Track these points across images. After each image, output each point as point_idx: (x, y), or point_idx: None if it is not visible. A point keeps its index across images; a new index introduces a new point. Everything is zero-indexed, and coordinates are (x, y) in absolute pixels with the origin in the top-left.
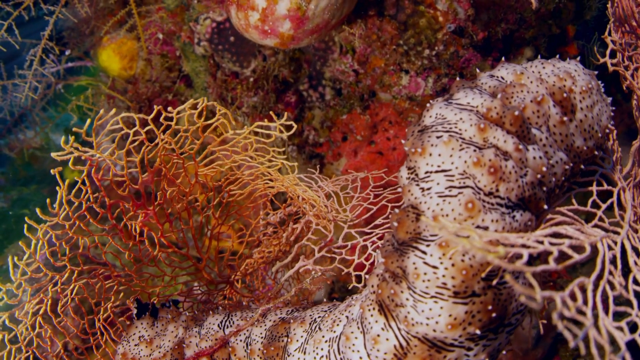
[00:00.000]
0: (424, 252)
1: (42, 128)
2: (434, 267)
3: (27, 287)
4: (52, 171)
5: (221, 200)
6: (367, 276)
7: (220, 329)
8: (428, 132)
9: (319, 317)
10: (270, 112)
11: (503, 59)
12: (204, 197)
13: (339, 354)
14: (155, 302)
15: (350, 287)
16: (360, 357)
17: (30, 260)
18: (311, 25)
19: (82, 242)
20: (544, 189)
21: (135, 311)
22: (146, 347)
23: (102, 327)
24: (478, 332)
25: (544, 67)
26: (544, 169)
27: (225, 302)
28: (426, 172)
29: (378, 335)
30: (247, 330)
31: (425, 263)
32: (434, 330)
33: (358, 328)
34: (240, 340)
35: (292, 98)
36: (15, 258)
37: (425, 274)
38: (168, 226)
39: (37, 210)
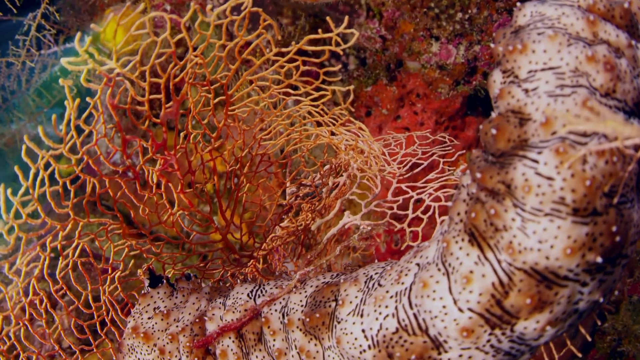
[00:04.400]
0: (535, 161)
1: (35, 115)
2: (549, 178)
3: (21, 234)
4: (61, 81)
5: (250, 153)
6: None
7: (250, 298)
8: (526, 30)
9: (376, 273)
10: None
11: None
12: (233, 145)
13: (412, 307)
14: (170, 274)
15: (402, 247)
16: (444, 306)
17: (26, 198)
18: None
19: (90, 185)
20: None
21: (147, 283)
22: (162, 320)
23: (107, 301)
24: (599, 259)
25: None
26: None
27: (253, 273)
28: (529, 72)
29: (471, 272)
30: (283, 299)
31: (538, 174)
32: (547, 258)
33: (439, 270)
34: (275, 310)
35: (306, 85)
36: (9, 191)
37: (538, 186)
38: (190, 178)
39: (40, 130)
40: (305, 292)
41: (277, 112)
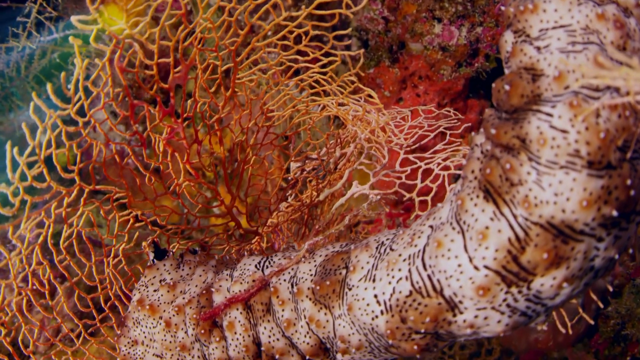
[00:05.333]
0: (549, 115)
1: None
2: (564, 130)
3: (27, 197)
4: (71, 39)
5: (256, 124)
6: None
7: (258, 269)
8: None
9: (387, 239)
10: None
11: None
12: (240, 114)
13: (426, 269)
14: (175, 248)
15: (412, 217)
16: (459, 264)
17: (31, 159)
18: None
19: (96, 149)
20: None
21: (152, 256)
22: (168, 292)
23: (111, 274)
24: (615, 213)
25: None
26: None
27: (258, 250)
28: (541, 30)
29: (486, 228)
30: (292, 269)
31: (552, 127)
32: (563, 211)
33: (453, 229)
34: (284, 280)
35: (315, 51)
36: (15, 150)
37: (553, 139)
38: (196, 149)
39: (50, 88)
40: (315, 261)
41: (285, 80)
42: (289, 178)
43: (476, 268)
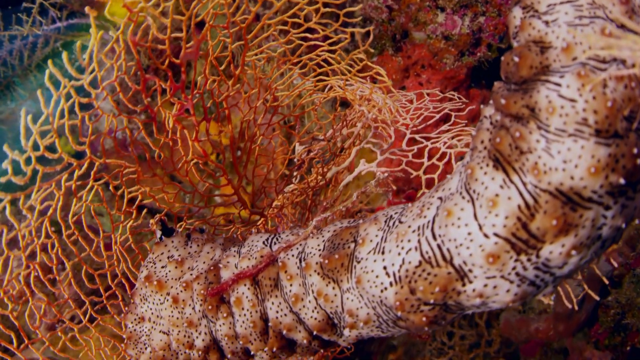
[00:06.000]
0: (558, 84)
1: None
2: (572, 99)
3: (38, 167)
4: (87, 9)
5: (264, 103)
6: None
7: (266, 246)
8: None
9: (396, 213)
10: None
11: None
12: (249, 92)
13: (435, 239)
14: (181, 228)
15: (419, 194)
16: (469, 232)
17: (45, 128)
18: None
19: (108, 122)
20: None
21: (159, 234)
22: (176, 268)
23: (118, 251)
24: (622, 181)
25: None
26: None
27: (265, 230)
28: (549, 5)
29: (496, 195)
30: (300, 245)
31: (561, 96)
32: (572, 178)
33: (463, 198)
34: (292, 256)
35: (325, 29)
36: (29, 117)
37: (562, 107)
38: (205, 127)
39: (65, 56)
40: (323, 237)
41: (293, 59)
42: (295, 160)
43: (486, 236)
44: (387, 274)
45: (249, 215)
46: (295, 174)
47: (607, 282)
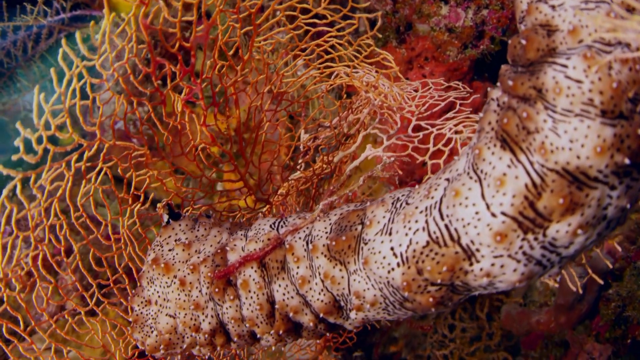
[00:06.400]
0: (564, 66)
1: (39, 83)
2: (578, 80)
3: (50, 147)
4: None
5: (272, 89)
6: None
7: (273, 229)
8: None
9: (403, 195)
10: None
11: None
12: (256, 79)
13: (443, 219)
14: (188, 213)
15: (424, 180)
16: (477, 212)
17: (57, 107)
18: None
19: (119, 104)
20: None
21: (166, 218)
22: (183, 250)
23: (125, 235)
24: (627, 161)
25: None
26: None
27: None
28: None
29: (504, 174)
30: (307, 228)
31: (567, 77)
32: (578, 157)
33: (470, 178)
34: (299, 238)
35: (334, 14)
36: (42, 96)
37: (568, 87)
38: (213, 112)
39: (78, 35)
40: (330, 220)
41: (302, 44)
42: (301, 147)
43: (493, 215)
44: (394, 254)
45: (254, 203)
46: (300, 161)
47: (610, 266)
